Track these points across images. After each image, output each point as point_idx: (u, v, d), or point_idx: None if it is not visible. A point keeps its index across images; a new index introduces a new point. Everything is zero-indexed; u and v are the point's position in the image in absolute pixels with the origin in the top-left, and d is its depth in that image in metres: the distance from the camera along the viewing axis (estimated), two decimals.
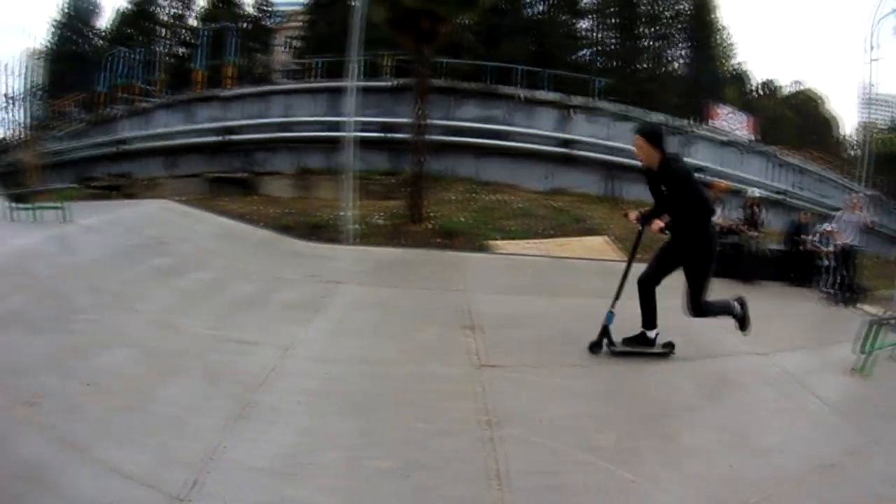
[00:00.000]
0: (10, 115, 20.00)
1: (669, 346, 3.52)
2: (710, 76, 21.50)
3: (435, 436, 2.35)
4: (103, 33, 23.66)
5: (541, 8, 21.28)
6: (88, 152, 14.68)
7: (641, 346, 3.47)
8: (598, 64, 21.09)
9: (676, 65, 23.04)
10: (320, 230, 9.53)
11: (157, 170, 13.02)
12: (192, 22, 22.07)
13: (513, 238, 10.24)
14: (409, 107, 11.12)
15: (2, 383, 2.90)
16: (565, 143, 13.10)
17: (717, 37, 23.28)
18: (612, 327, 3.37)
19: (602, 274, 5.37)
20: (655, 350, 3.49)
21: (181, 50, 19.88)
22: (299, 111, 12.07)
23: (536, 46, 19.18)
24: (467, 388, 2.81)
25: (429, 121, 10.49)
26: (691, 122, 16.38)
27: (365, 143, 11.62)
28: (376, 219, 10.52)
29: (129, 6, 22.95)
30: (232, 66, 14.04)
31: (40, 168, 15.94)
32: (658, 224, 3.19)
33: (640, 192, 13.23)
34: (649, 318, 3.45)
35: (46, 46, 21.43)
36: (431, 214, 10.45)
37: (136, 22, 22.56)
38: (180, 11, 22.83)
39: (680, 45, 22.90)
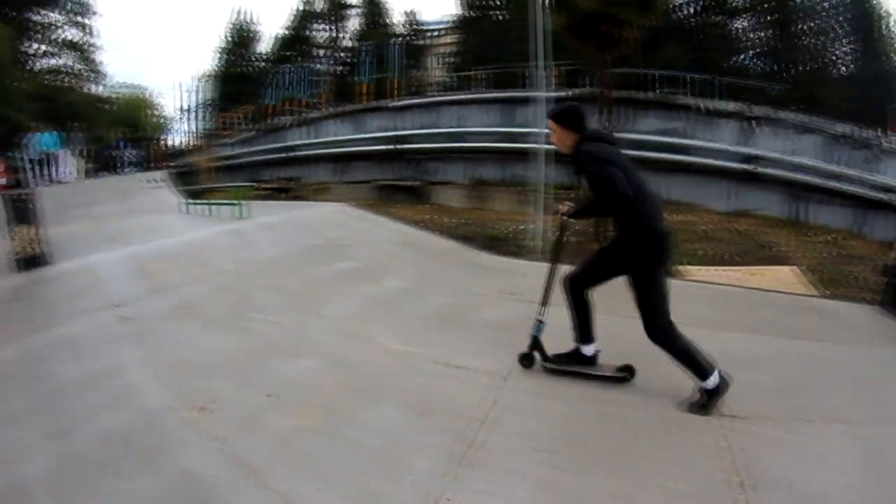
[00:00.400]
0: (186, 125, 22.90)
1: (627, 371, 2.91)
2: (884, 74, 18.39)
3: (689, 499, 1.99)
4: (264, 56, 26.42)
5: (692, 10, 19.73)
6: (258, 157, 16.07)
7: (579, 366, 2.96)
8: (757, 68, 19.02)
9: (842, 64, 20.05)
10: (500, 243, 9.17)
11: (326, 175, 13.76)
12: (347, 43, 23.87)
13: (699, 264, 9.28)
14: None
15: (173, 381, 2.64)
16: (748, 158, 11.71)
17: (883, 26, 19.87)
18: (542, 338, 3.00)
19: (801, 311, 4.70)
20: (602, 373, 2.94)
21: (338, 68, 21.09)
22: (471, 121, 12.02)
23: (692, 51, 17.74)
24: (710, 440, 2.41)
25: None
26: (878, 132, 13.97)
27: (523, 155, 11.33)
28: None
29: (287, 32, 25.36)
30: (397, 78, 14.47)
31: (213, 170, 17.71)
32: (564, 207, 2.85)
33: (830, 217, 11.52)
34: (582, 329, 2.92)
35: (214, 69, 23.84)
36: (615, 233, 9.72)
37: (293, 45, 24.72)
38: (335, 34, 24.67)
39: (843, 39, 19.95)
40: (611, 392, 2.84)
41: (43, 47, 21.51)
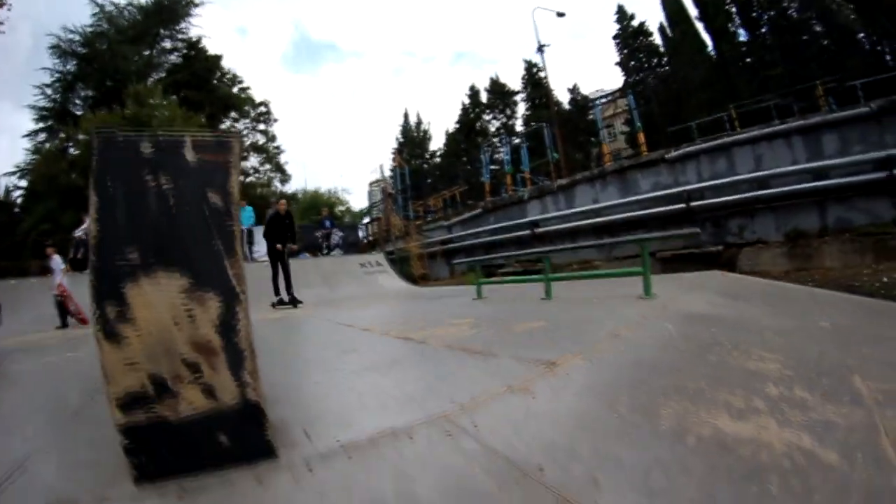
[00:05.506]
0: (377, 213, 23.91)
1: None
2: None
3: None
4: (437, 152, 28.44)
5: None
6: (485, 238, 14.97)
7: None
8: None
9: None
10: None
11: (587, 253, 12.14)
12: (519, 127, 24.76)
13: None
14: None
15: None
16: None
17: None
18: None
19: None
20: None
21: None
22: (771, 162, 10.05)
23: None
24: None
25: None
26: None
27: (854, 190, 8.90)
28: None
29: (457, 125, 27.10)
30: (641, 131, 13.36)
31: (425, 256, 16.97)
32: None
33: None
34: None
35: (394, 166, 25.42)
36: None
37: (466, 136, 26.08)
38: (506, 120, 25.81)
39: None
40: None
41: None
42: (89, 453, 1.56)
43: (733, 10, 19.16)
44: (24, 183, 19.58)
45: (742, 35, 19.14)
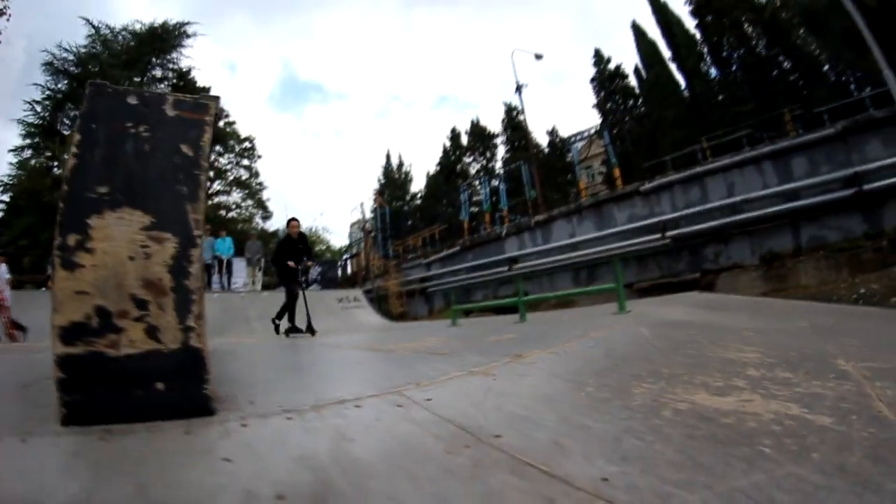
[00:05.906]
0: (357, 251, 23.74)
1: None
2: None
3: None
4: (417, 194, 28.72)
5: None
6: (463, 276, 14.83)
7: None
8: None
9: None
10: None
11: (566, 286, 12.01)
12: (498, 170, 25.19)
13: None
14: (866, 152, 8.89)
15: None
16: None
17: None
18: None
19: None
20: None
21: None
22: (744, 188, 10.21)
23: None
24: None
25: None
26: None
27: (825, 208, 9.07)
28: None
29: (437, 167, 27.63)
30: (617, 167, 13.73)
31: (404, 294, 16.96)
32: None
33: None
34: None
35: (376, 206, 25.51)
36: None
37: (447, 178, 26.45)
38: (486, 163, 26.38)
39: None
40: None
41: (217, 185, 25.22)
42: (26, 408, 1.53)
43: (705, 50, 20.27)
44: (6, 197, 19.31)
45: (714, 74, 20.13)
